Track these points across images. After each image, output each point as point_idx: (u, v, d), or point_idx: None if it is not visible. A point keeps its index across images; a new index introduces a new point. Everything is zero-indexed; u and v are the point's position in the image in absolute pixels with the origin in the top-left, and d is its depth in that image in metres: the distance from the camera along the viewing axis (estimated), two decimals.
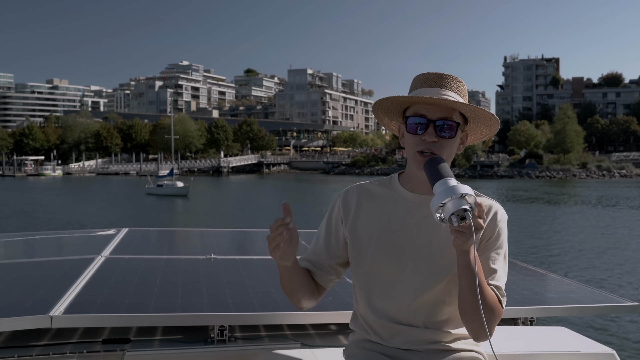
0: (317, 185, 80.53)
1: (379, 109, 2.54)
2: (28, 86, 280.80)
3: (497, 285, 2.38)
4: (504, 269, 2.45)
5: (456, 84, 2.43)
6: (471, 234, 2.08)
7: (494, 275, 2.40)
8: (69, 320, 2.92)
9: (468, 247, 2.16)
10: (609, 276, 18.82)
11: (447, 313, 2.45)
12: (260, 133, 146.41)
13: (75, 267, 4.09)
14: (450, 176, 2.15)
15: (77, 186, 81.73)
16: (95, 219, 36.55)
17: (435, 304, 2.43)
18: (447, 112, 2.36)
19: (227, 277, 3.98)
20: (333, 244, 2.57)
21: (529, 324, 3.64)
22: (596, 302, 3.61)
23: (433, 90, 2.39)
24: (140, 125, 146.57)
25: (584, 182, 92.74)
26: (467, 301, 2.26)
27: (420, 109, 2.37)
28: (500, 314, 2.36)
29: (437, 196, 2.08)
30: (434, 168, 2.21)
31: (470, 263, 2.20)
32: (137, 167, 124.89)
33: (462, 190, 2.05)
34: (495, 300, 2.33)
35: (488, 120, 2.48)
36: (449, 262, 2.38)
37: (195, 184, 66.59)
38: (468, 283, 2.23)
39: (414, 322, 2.44)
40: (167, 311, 3.09)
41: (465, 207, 2.03)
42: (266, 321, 3.24)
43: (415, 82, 2.47)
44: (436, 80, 2.41)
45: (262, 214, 39.82)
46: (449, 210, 2.04)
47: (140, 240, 5.61)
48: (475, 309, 2.21)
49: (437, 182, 2.14)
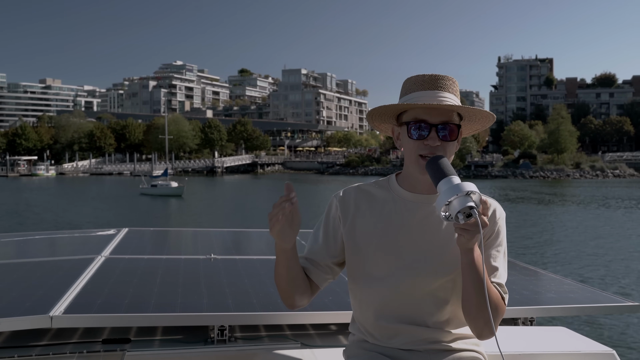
0: (311, 186, 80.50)
1: (373, 116, 2.54)
2: (21, 86, 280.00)
3: (499, 283, 2.40)
4: (504, 266, 2.46)
5: (451, 84, 2.42)
6: (477, 231, 2.09)
7: (496, 272, 2.41)
8: (69, 320, 2.92)
9: (472, 245, 2.17)
10: (607, 276, 18.86)
11: (449, 312, 2.44)
12: (254, 133, 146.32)
13: (75, 267, 4.09)
14: (454, 174, 2.16)
15: (70, 186, 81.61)
16: (89, 220, 36.49)
17: (436, 303, 2.43)
18: (448, 115, 2.36)
19: (227, 277, 3.97)
20: (332, 242, 2.55)
21: (529, 324, 3.64)
22: (596, 302, 3.62)
23: (430, 94, 2.38)
24: (133, 125, 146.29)
25: (578, 182, 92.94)
26: (472, 299, 2.26)
27: (420, 114, 2.36)
28: (504, 311, 2.37)
29: (442, 194, 2.09)
30: (436, 167, 2.21)
31: (474, 261, 2.21)
32: (130, 167, 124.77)
33: (467, 187, 2.05)
34: (498, 297, 2.35)
35: (484, 117, 2.50)
36: (451, 261, 2.38)
37: (189, 184, 66.51)
38: (473, 281, 2.23)
39: (414, 322, 2.43)
40: (167, 311, 3.09)
41: (471, 204, 2.03)
42: (266, 321, 3.25)
43: (408, 85, 2.46)
44: (431, 82, 2.40)
45: (257, 214, 39.78)
46: (455, 208, 2.04)
47: (140, 241, 5.61)
48: (481, 307, 2.22)
49: (441, 180, 2.14)
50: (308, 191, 68.11)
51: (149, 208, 46.59)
